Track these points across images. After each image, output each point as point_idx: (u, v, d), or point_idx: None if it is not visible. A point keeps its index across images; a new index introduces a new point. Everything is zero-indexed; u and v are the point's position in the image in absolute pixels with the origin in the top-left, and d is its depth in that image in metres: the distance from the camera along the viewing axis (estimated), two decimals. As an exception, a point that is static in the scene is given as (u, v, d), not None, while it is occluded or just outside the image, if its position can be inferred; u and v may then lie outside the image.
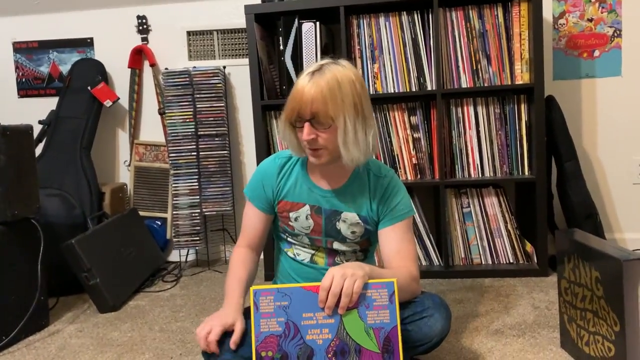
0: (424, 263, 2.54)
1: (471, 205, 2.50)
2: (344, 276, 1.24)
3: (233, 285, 1.48)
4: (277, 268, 1.67)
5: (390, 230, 1.50)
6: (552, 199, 2.60)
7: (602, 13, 2.67)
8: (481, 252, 2.51)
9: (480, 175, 2.50)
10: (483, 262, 2.50)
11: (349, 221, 1.52)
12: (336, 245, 1.55)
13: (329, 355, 1.27)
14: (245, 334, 1.36)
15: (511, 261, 2.49)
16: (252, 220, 1.59)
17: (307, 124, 1.38)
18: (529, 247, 2.47)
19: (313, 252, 1.57)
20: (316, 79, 1.37)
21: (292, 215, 1.54)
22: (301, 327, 1.28)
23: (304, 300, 1.28)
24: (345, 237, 1.53)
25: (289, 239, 1.59)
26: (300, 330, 1.28)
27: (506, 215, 2.48)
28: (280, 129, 1.48)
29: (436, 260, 2.53)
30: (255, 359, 1.27)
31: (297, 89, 1.39)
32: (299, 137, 1.43)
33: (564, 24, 2.69)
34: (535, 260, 2.44)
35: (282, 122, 1.46)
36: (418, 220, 2.51)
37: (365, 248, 1.60)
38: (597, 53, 2.69)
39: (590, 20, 2.68)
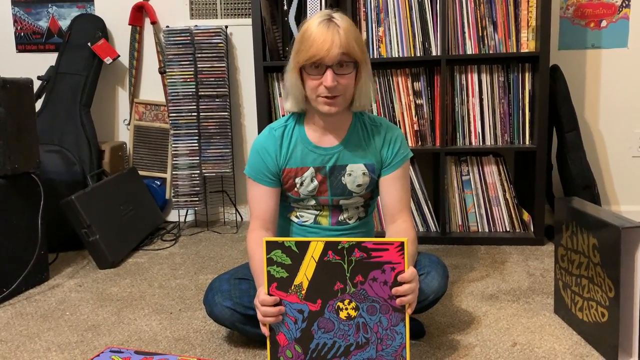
0: (421, 229, 2.56)
1: (470, 173, 2.51)
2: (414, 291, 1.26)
3: (259, 270, 1.41)
4: (278, 232, 1.67)
5: (393, 177, 1.52)
6: (551, 169, 2.61)
7: (611, -18, 2.63)
8: (478, 220, 2.52)
9: (481, 144, 2.49)
10: (480, 230, 2.52)
11: (354, 173, 1.52)
12: (342, 202, 1.55)
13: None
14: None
15: (508, 229, 2.51)
16: (261, 199, 1.53)
17: (329, 70, 1.36)
18: (526, 216, 2.49)
19: (317, 212, 1.57)
20: (335, 25, 1.37)
21: (297, 180, 1.52)
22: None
23: None
24: (351, 191, 1.53)
25: (292, 204, 1.59)
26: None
27: (505, 184, 2.49)
28: (288, 80, 1.45)
29: (433, 227, 2.55)
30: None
31: (317, 35, 1.36)
32: (309, 86, 1.41)
33: (572, -7, 2.65)
34: (532, 229, 2.46)
35: (291, 71, 1.43)
36: (417, 186, 2.52)
37: (367, 202, 1.60)
38: (604, 23, 2.66)
39: (600, -11, 2.64)
